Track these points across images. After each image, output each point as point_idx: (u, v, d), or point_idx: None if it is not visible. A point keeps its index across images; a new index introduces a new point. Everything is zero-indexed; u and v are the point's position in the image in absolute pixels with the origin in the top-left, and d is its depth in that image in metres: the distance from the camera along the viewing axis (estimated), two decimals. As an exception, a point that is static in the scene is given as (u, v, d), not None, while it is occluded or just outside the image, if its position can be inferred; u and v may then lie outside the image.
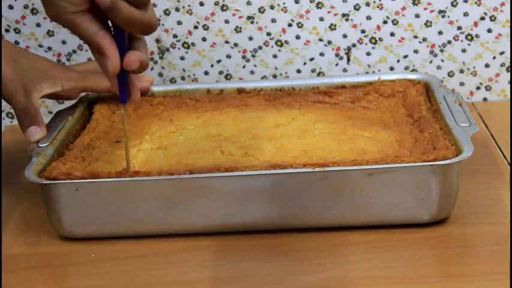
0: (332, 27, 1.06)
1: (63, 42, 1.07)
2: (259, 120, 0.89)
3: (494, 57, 1.06)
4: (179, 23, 1.06)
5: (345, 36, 1.06)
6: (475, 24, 1.05)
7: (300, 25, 1.06)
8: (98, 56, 0.71)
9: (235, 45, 1.07)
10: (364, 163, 0.75)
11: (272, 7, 1.05)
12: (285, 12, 1.05)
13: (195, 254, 0.75)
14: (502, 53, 1.06)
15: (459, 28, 1.05)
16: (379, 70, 1.07)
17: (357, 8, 1.05)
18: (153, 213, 0.76)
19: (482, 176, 0.86)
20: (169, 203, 0.76)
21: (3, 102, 1.08)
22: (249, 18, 1.06)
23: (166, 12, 1.05)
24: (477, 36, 1.05)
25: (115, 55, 0.69)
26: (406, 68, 1.07)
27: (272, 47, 1.07)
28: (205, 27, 1.06)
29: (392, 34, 1.06)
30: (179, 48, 1.07)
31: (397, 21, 1.05)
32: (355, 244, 0.75)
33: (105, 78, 0.91)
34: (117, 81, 0.72)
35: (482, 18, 1.04)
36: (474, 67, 1.07)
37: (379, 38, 1.06)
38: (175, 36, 1.06)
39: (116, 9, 0.66)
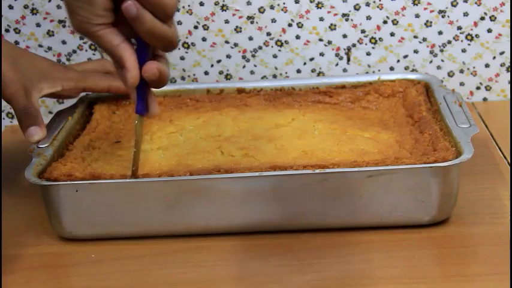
0: (332, 27, 1.06)
1: (63, 42, 1.07)
2: (259, 120, 0.89)
3: (494, 57, 1.06)
4: (179, 23, 1.06)
5: (345, 36, 1.06)
6: (475, 24, 1.05)
7: (300, 25, 1.06)
8: (119, 69, 0.72)
9: (235, 45, 1.07)
10: (364, 165, 0.75)
11: (272, 7, 1.05)
12: (285, 12, 1.05)
13: (195, 255, 0.75)
14: (502, 53, 1.06)
15: (459, 28, 1.05)
16: (379, 70, 1.07)
17: (357, 8, 1.05)
18: (153, 214, 0.76)
19: (482, 176, 0.86)
20: (170, 204, 0.76)
21: (3, 103, 1.08)
22: (249, 18, 1.06)
23: (166, 12, 1.05)
24: (477, 36, 1.05)
25: (135, 67, 0.70)
26: (406, 68, 1.07)
27: (272, 47, 1.07)
28: (205, 27, 1.06)
29: (392, 34, 1.06)
30: (179, 48, 1.07)
31: (397, 21, 1.05)
32: (355, 244, 0.75)
33: (104, 78, 0.92)
34: (136, 91, 0.73)
35: (482, 18, 1.04)
36: (474, 67, 1.07)
37: (379, 38, 1.06)
38: (175, 36, 1.06)
39: (140, 19, 0.67)
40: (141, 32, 0.69)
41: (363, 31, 1.06)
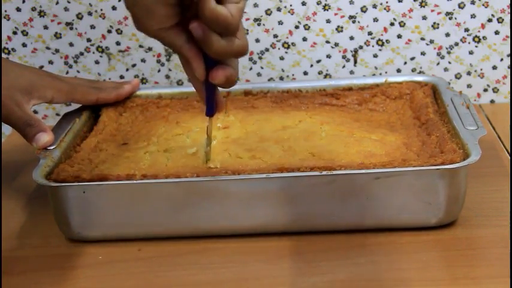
0: (339, 29, 1.06)
1: (71, 45, 1.08)
2: (266, 122, 0.89)
3: (501, 59, 1.06)
4: (186, 25, 1.06)
5: (351, 38, 1.06)
6: (482, 26, 1.05)
7: (306, 27, 1.06)
8: (186, 65, 0.72)
9: (242, 47, 1.07)
10: (372, 167, 0.75)
11: (279, 9, 1.05)
12: (292, 14, 1.05)
13: (202, 257, 0.75)
14: (509, 55, 1.05)
15: (466, 30, 1.05)
16: (386, 72, 1.07)
17: (363, 10, 1.05)
18: (160, 215, 0.76)
19: (489, 178, 0.85)
20: (176, 205, 0.76)
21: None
22: (255, 20, 1.06)
23: (173, 15, 1.05)
24: (484, 38, 1.05)
25: (200, 66, 0.71)
26: (413, 70, 1.07)
27: (279, 49, 1.07)
28: (212, 29, 1.06)
29: (399, 36, 1.06)
30: (186, 50, 1.07)
31: (404, 23, 1.05)
32: (362, 246, 0.75)
33: (92, 90, 0.92)
34: (206, 94, 0.74)
35: (490, 20, 1.04)
36: (481, 69, 1.07)
37: (386, 40, 1.06)
38: (182, 38, 1.07)
39: (207, 43, 0.67)
40: (210, 53, 0.69)
41: (369, 33, 1.06)
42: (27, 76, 0.87)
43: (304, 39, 1.06)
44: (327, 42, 1.06)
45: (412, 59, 1.07)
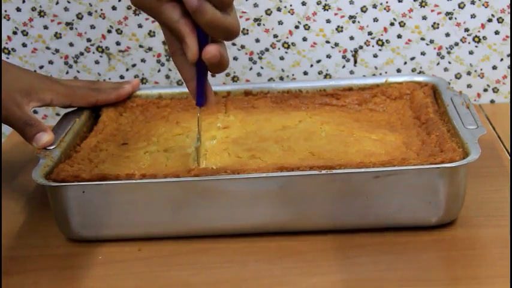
0: (339, 29, 1.06)
1: (71, 45, 1.08)
2: (266, 122, 0.89)
3: (501, 59, 1.06)
4: (186, 25, 1.06)
5: (351, 38, 1.06)
6: (482, 26, 1.05)
7: (306, 27, 1.06)
8: (179, 44, 0.71)
9: (242, 47, 1.07)
10: (371, 166, 0.75)
11: (279, 9, 1.05)
12: (292, 14, 1.05)
13: (202, 257, 0.75)
14: (509, 55, 1.05)
15: (466, 30, 1.05)
16: (386, 72, 1.07)
17: (363, 10, 1.05)
18: (160, 215, 0.76)
19: (489, 178, 0.85)
20: (176, 205, 0.76)
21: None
22: (255, 20, 1.06)
23: (173, 15, 1.05)
24: (484, 38, 1.05)
25: (194, 43, 0.69)
26: (413, 70, 1.07)
27: (279, 49, 1.07)
28: (212, 30, 1.06)
29: (399, 36, 1.06)
30: (186, 51, 1.07)
31: (404, 23, 1.05)
32: (362, 246, 0.75)
33: (92, 92, 0.91)
34: (196, 82, 0.73)
35: (490, 20, 1.04)
36: (481, 69, 1.07)
37: (386, 40, 1.06)
38: (182, 38, 1.07)
39: (201, 11, 0.67)
40: (202, 23, 0.68)
41: (369, 33, 1.06)
42: (26, 78, 0.87)
43: (304, 39, 1.06)
44: (327, 42, 1.06)
45: (412, 59, 1.07)
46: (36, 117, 0.84)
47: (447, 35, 1.05)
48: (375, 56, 1.07)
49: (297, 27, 1.06)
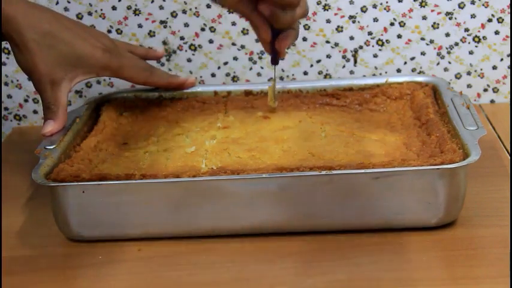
0: (339, 29, 1.06)
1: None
2: (266, 122, 0.89)
3: (501, 59, 1.06)
4: (186, 25, 1.06)
5: (351, 38, 1.06)
6: (482, 26, 1.04)
7: (306, 27, 1.06)
8: (255, 29, 0.88)
9: (242, 47, 1.07)
10: (371, 166, 0.75)
11: (279, 9, 1.05)
12: (292, 14, 1.05)
13: (202, 257, 0.75)
14: (509, 55, 1.05)
15: (466, 30, 1.05)
16: (386, 72, 1.07)
17: (363, 10, 1.05)
18: (160, 215, 0.76)
19: (489, 178, 0.85)
20: (176, 205, 0.76)
21: (8, 104, 1.08)
22: (256, 20, 1.06)
23: (173, 15, 1.05)
24: (484, 38, 1.05)
25: (266, 32, 0.87)
26: (413, 70, 1.07)
27: (279, 49, 1.07)
28: (212, 29, 1.06)
29: (399, 36, 1.06)
30: (186, 50, 1.07)
31: (404, 23, 1.05)
32: (361, 246, 0.75)
33: (142, 72, 0.92)
34: (270, 48, 0.89)
35: (490, 20, 1.04)
36: (481, 69, 1.07)
37: (386, 40, 1.06)
38: (182, 38, 1.07)
39: (274, 19, 0.84)
40: (277, 27, 0.86)
41: (369, 33, 1.06)
42: (77, 50, 0.85)
43: (304, 39, 1.06)
44: (327, 42, 1.06)
45: (412, 59, 1.07)
46: (59, 103, 0.84)
47: (447, 35, 1.05)
48: (375, 56, 1.07)
49: (297, 27, 1.06)
